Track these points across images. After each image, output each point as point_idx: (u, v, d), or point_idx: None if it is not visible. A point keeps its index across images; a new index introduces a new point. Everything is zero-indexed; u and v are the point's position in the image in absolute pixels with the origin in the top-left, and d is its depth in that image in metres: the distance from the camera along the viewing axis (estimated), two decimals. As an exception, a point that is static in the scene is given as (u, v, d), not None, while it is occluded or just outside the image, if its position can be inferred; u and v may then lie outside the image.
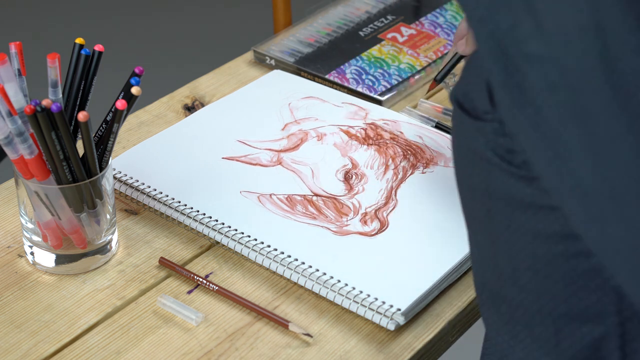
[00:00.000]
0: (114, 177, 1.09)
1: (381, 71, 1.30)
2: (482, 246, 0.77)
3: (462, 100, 0.73)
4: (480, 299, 0.81)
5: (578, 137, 0.62)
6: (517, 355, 0.78)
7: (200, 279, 0.98)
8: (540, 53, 0.62)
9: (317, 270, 0.98)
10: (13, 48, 0.96)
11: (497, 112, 0.70)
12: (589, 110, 0.61)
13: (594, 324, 0.72)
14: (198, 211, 1.04)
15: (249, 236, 1.02)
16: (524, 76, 0.63)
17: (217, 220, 1.03)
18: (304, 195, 1.07)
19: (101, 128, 0.99)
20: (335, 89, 1.27)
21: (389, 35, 1.37)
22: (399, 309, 0.94)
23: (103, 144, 0.97)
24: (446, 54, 1.29)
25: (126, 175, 1.10)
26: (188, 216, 1.05)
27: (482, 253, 0.77)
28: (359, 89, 1.27)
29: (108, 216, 1.00)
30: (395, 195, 1.08)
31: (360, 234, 1.02)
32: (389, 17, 1.42)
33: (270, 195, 1.07)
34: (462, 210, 0.79)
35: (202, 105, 1.25)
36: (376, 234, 1.03)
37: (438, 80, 1.24)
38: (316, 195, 1.07)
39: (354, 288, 0.96)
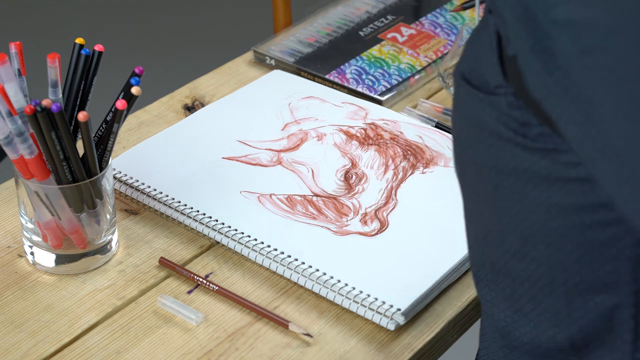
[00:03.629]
0: (114, 177, 1.09)
1: (381, 71, 1.30)
2: (486, 223, 0.77)
3: (469, 76, 0.74)
4: (476, 276, 0.81)
5: (612, 99, 0.62)
6: (522, 329, 0.78)
7: (200, 279, 0.98)
8: (572, 17, 0.62)
9: (317, 270, 0.98)
10: (13, 48, 0.96)
11: (510, 85, 0.70)
12: (628, 72, 0.61)
13: (608, 293, 0.72)
14: (198, 211, 1.04)
15: (249, 236, 1.02)
16: (554, 41, 0.63)
17: (217, 220, 1.03)
18: (304, 195, 1.07)
19: (101, 128, 0.99)
20: (335, 89, 1.27)
21: (389, 35, 1.37)
22: (399, 309, 0.94)
23: (103, 144, 0.97)
24: (446, 54, 1.26)
25: (126, 175, 1.10)
26: (188, 216, 1.05)
27: (486, 230, 0.77)
28: (359, 89, 1.27)
29: (108, 216, 1.00)
30: (395, 195, 1.08)
31: (360, 234, 1.02)
32: (389, 17, 1.41)
33: (270, 195, 1.07)
34: (461, 188, 0.79)
35: (202, 105, 1.25)
36: (376, 234, 1.03)
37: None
38: (316, 195, 1.07)
39: (354, 288, 0.96)
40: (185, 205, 1.05)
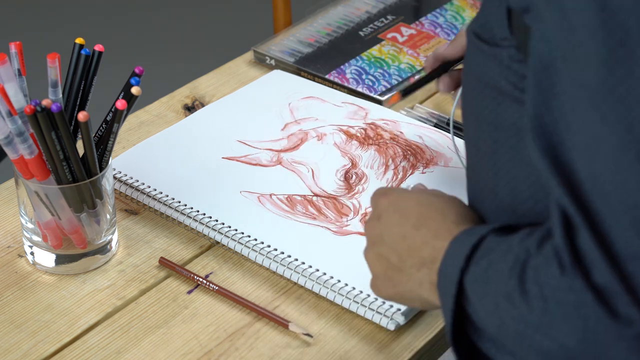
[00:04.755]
0: (114, 177, 1.09)
1: (381, 71, 1.30)
2: (483, 177, 0.79)
3: (479, 31, 0.77)
4: None
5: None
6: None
7: (200, 279, 0.98)
8: None
9: (317, 270, 0.98)
10: (13, 48, 0.96)
11: (514, 38, 0.73)
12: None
13: None
14: (198, 211, 1.04)
15: (249, 236, 1.02)
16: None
17: (217, 220, 1.03)
18: (304, 195, 1.07)
19: (101, 128, 0.99)
20: (335, 89, 1.27)
21: (389, 35, 1.37)
22: (399, 309, 0.93)
23: (103, 144, 0.97)
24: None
25: (126, 175, 1.10)
26: (188, 216, 1.05)
27: (482, 184, 0.79)
28: (359, 89, 1.27)
29: (108, 216, 1.00)
30: (395, 195, 1.08)
31: (360, 234, 1.02)
32: (389, 17, 1.41)
33: (270, 195, 1.07)
34: (465, 144, 0.82)
35: (202, 105, 1.25)
36: (376, 234, 1.02)
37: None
38: (316, 195, 1.07)
39: (354, 288, 0.96)
40: (185, 205, 1.05)
